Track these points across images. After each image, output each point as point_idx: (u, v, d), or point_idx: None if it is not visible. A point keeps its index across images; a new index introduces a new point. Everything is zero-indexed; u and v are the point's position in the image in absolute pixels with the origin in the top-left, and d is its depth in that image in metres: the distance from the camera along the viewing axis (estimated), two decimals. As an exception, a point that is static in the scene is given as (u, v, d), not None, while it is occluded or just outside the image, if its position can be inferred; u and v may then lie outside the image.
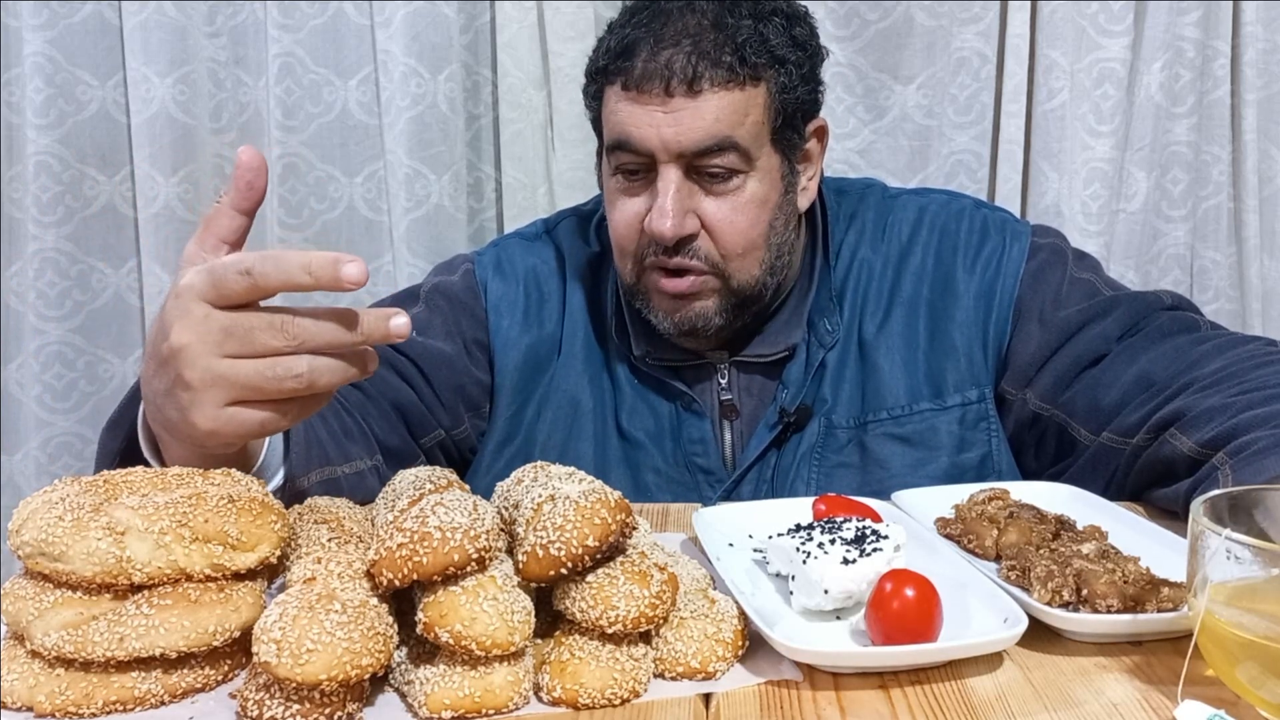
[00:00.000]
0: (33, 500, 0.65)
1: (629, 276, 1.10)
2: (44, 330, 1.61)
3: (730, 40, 1.01)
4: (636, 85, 1.01)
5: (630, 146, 1.03)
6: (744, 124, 1.02)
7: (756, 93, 1.03)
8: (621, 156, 1.05)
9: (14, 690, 0.62)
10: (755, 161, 1.04)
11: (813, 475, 1.10)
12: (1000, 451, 1.11)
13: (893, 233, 1.16)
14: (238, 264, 0.69)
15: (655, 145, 1.02)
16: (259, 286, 0.69)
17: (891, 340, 1.12)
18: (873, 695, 0.63)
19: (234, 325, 0.69)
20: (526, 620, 0.62)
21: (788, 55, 1.04)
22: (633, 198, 1.06)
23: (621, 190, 1.07)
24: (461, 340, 1.16)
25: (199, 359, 0.70)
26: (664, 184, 1.02)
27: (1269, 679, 0.56)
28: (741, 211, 1.04)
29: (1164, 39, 1.55)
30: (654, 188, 1.04)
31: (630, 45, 1.02)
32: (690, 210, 1.04)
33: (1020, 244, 1.13)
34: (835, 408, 1.11)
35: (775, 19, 1.04)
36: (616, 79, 1.03)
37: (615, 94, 1.04)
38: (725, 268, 1.06)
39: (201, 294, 0.69)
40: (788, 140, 1.07)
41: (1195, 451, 0.88)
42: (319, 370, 0.70)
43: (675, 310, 1.08)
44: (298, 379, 0.69)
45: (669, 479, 1.13)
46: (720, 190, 1.04)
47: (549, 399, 1.16)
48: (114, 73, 1.58)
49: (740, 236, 1.05)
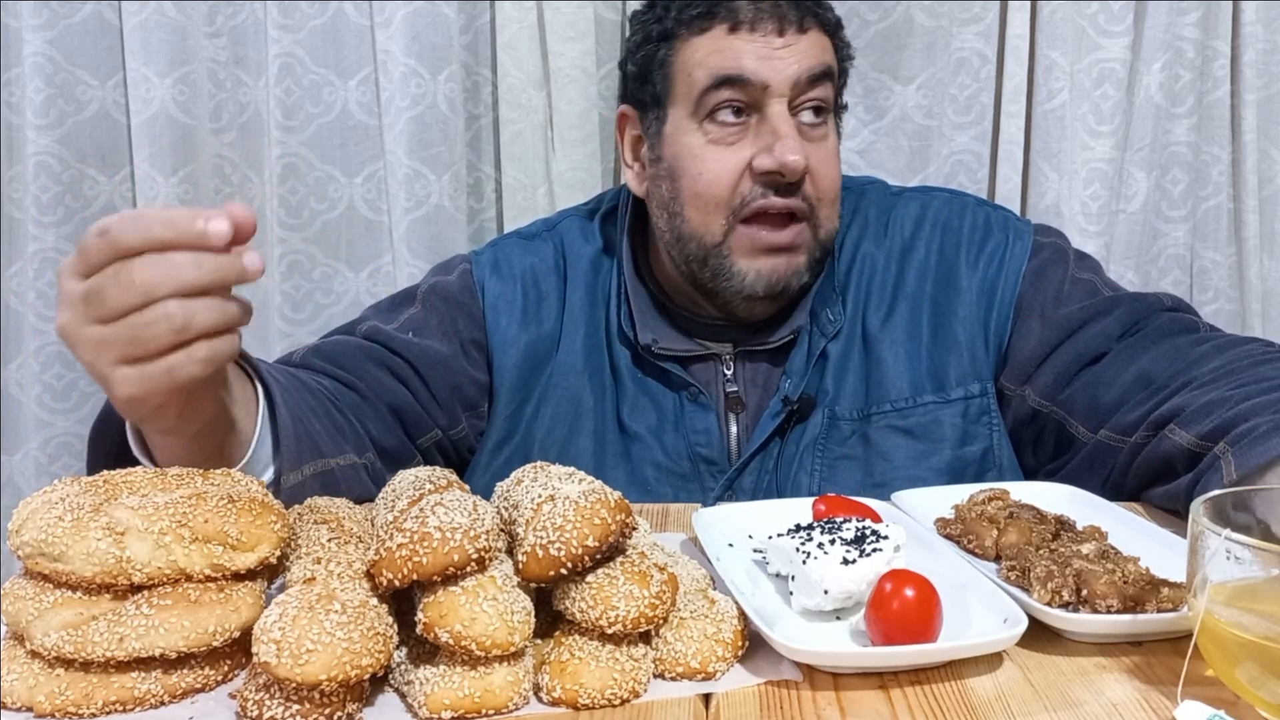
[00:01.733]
0: (33, 500, 0.65)
1: (716, 234, 1.09)
2: (44, 330, 1.61)
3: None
4: (749, 24, 1.05)
5: (742, 78, 1.05)
6: (835, 63, 1.11)
7: (830, 45, 1.11)
8: (725, 93, 1.06)
9: (14, 690, 0.62)
10: (832, 110, 1.11)
11: (816, 466, 1.10)
12: (1001, 446, 1.12)
13: (895, 228, 1.18)
14: (96, 228, 0.68)
15: (771, 75, 1.05)
16: (118, 245, 0.68)
17: (895, 333, 1.13)
18: (873, 695, 0.63)
19: (88, 290, 0.68)
20: (526, 620, 0.62)
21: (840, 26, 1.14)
22: (728, 146, 1.07)
23: (714, 140, 1.07)
24: (458, 340, 1.16)
25: (76, 333, 0.69)
26: (781, 119, 1.06)
27: (1269, 679, 0.56)
28: (830, 159, 1.10)
29: (1164, 39, 1.55)
30: (760, 129, 1.06)
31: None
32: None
33: (1023, 242, 1.14)
34: (839, 399, 1.12)
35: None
36: (716, 23, 1.06)
37: (715, 37, 1.06)
38: (817, 216, 1.09)
39: (72, 269, 0.69)
40: (840, 106, 1.14)
41: (1195, 444, 0.88)
42: (192, 309, 0.68)
43: (773, 266, 1.09)
44: (170, 319, 0.68)
45: (669, 472, 1.13)
46: (815, 135, 1.09)
47: (548, 397, 1.16)
48: (114, 73, 1.58)
49: (833, 182, 1.10)
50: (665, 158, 1.11)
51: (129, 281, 0.67)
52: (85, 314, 0.69)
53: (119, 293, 0.68)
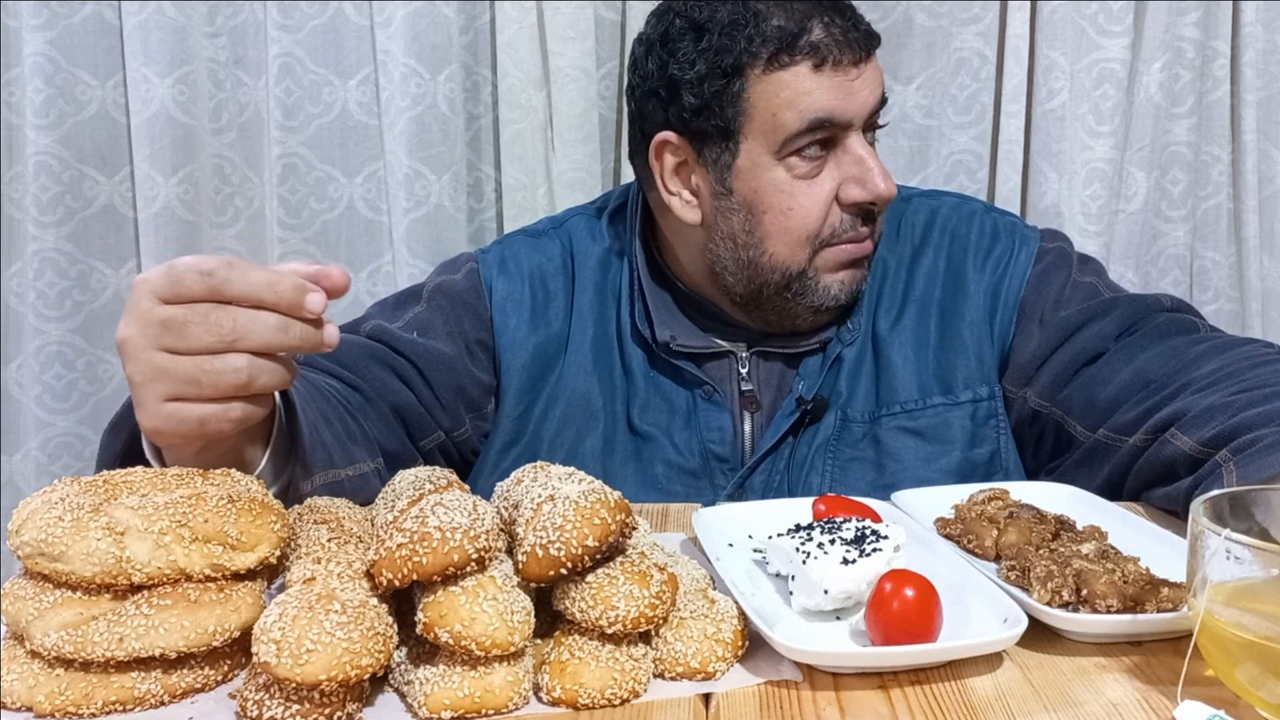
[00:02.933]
0: (32, 500, 0.65)
1: (802, 263, 1.08)
2: (44, 330, 1.61)
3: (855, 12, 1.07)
4: (833, 61, 1.03)
5: (835, 121, 1.04)
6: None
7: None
8: (815, 135, 1.05)
9: (14, 690, 0.62)
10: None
11: (828, 468, 1.11)
12: (1008, 449, 1.13)
13: (906, 233, 1.19)
14: (200, 264, 0.68)
15: (855, 112, 1.05)
16: (218, 292, 0.68)
17: (904, 336, 1.13)
18: (872, 695, 0.63)
19: (172, 319, 0.69)
20: (526, 620, 0.62)
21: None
22: (815, 179, 1.07)
23: (803, 176, 1.06)
24: (463, 341, 1.15)
25: (139, 352, 0.70)
26: (863, 149, 1.06)
27: (1269, 679, 0.56)
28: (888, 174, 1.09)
29: (1164, 39, 1.55)
30: (839, 160, 1.06)
31: (807, 24, 1.03)
32: None
33: (1029, 248, 1.15)
34: (851, 402, 1.12)
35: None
36: (800, 59, 1.03)
37: (800, 74, 1.03)
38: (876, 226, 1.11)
39: (155, 288, 0.69)
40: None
41: (1196, 450, 0.88)
42: (259, 369, 0.70)
43: (854, 277, 1.11)
44: (236, 374, 0.69)
45: (680, 469, 1.13)
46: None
47: (557, 398, 1.15)
48: (114, 73, 1.58)
49: (890, 198, 1.08)
50: (739, 191, 1.07)
51: (216, 325, 0.69)
52: (158, 338, 0.69)
53: (203, 333, 0.69)
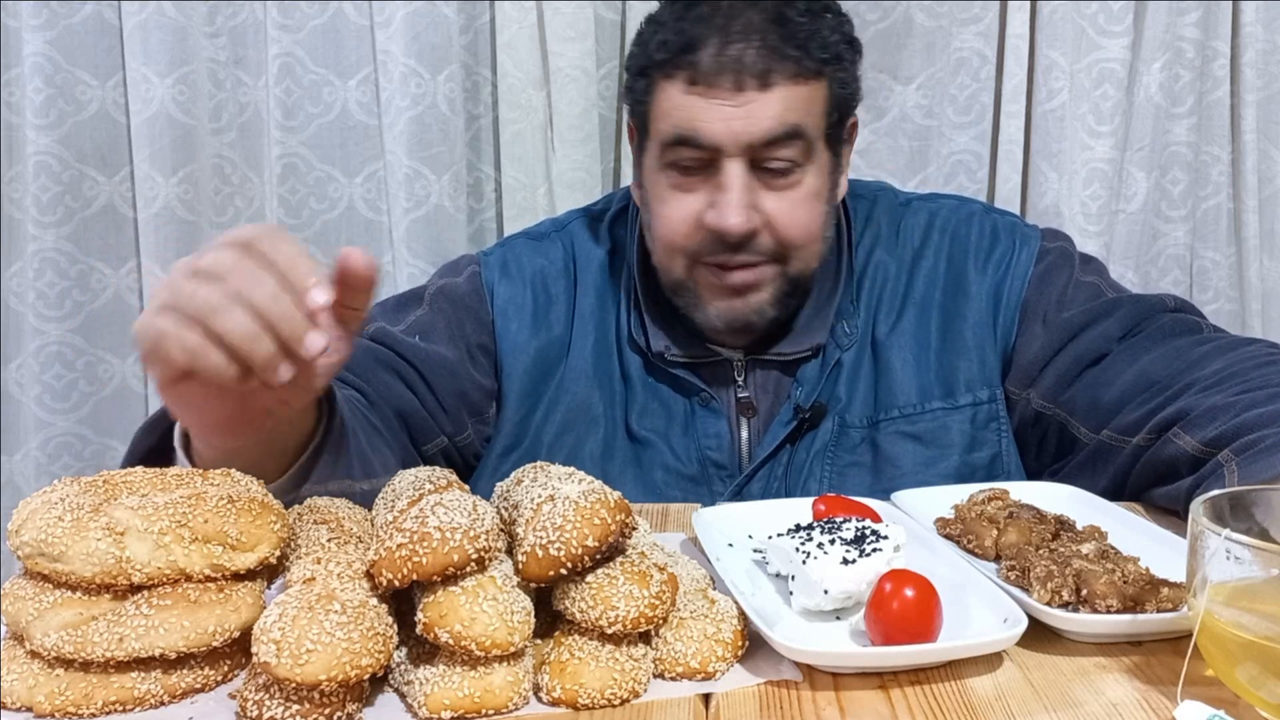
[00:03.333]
0: (32, 500, 0.65)
1: (678, 273, 1.09)
2: (44, 330, 1.61)
3: (794, 36, 1.02)
4: (706, 80, 1.01)
5: (696, 141, 1.02)
6: (809, 115, 1.04)
7: (820, 86, 1.04)
8: (682, 152, 1.04)
9: (14, 690, 0.62)
10: (814, 155, 1.05)
11: (825, 474, 1.10)
12: (1009, 452, 1.12)
13: (905, 237, 1.17)
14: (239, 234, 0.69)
15: (724, 139, 1.01)
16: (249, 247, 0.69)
17: (904, 340, 1.12)
18: (872, 695, 0.63)
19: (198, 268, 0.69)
20: (526, 620, 0.62)
21: (843, 52, 1.06)
22: (688, 193, 1.06)
23: (674, 186, 1.06)
24: (465, 344, 1.15)
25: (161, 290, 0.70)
26: (730, 178, 1.02)
27: (1269, 679, 0.56)
28: (802, 205, 1.05)
29: (1164, 39, 1.55)
30: (714, 182, 1.04)
31: (695, 40, 1.02)
32: (754, 205, 1.04)
33: (1030, 248, 1.14)
34: (849, 407, 1.11)
35: (827, 16, 1.06)
36: (678, 73, 1.02)
37: (676, 89, 1.03)
38: (788, 257, 1.07)
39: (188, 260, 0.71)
40: (837, 136, 1.09)
41: (1199, 450, 0.88)
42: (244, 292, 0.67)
43: (731, 306, 1.08)
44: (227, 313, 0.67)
45: (679, 475, 1.12)
46: (781, 184, 1.04)
47: (557, 403, 1.15)
48: (114, 73, 1.58)
49: (801, 230, 1.06)
50: (645, 186, 1.11)
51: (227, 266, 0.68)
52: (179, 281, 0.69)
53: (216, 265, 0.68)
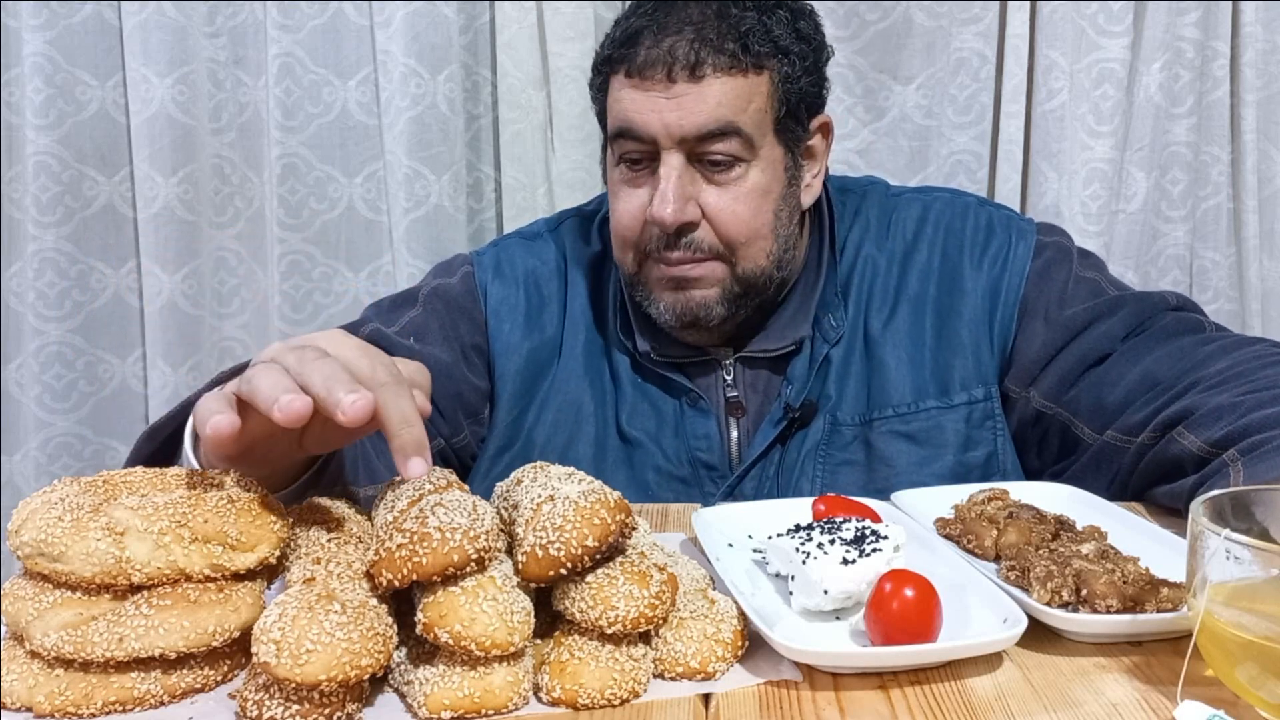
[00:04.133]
0: (32, 500, 0.65)
1: (630, 267, 1.10)
2: (44, 330, 1.61)
3: (734, 28, 1.02)
4: (639, 72, 1.02)
5: (633, 133, 1.03)
6: (746, 110, 1.03)
7: (760, 80, 1.04)
8: (625, 144, 1.05)
9: (13, 690, 0.62)
10: (758, 150, 1.04)
11: (817, 473, 1.09)
12: (1005, 450, 1.11)
13: (897, 230, 1.16)
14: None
15: (658, 130, 1.02)
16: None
17: (898, 337, 1.12)
18: (872, 695, 0.63)
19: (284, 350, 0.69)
20: (526, 620, 0.62)
21: (791, 46, 1.05)
22: (636, 188, 1.06)
23: (624, 181, 1.07)
24: (459, 346, 1.15)
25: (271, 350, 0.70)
26: (665, 170, 1.03)
27: (1268, 679, 0.56)
28: (743, 200, 1.04)
29: (1163, 39, 1.56)
30: (656, 176, 1.04)
31: (634, 34, 1.03)
32: (692, 198, 1.04)
33: (1026, 242, 1.13)
34: (840, 405, 1.11)
35: (780, 11, 1.05)
36: (620, 67, 1.04)
37: (619, 82, 1.05)
38: (731, 255, 1.06)
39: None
40: (791, 132, 1.07)
41: (1203, 450, 0.88)
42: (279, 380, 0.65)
43: (677, 300, 1.07)
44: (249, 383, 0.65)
45: (670, 476, 1.12)
46: (722, 179, 1.04)
47: (549, 403, 1.15)
48: (113, 73, 1.59)
49: (742, 225, 1.05)
50: (607, 183, 1.13)
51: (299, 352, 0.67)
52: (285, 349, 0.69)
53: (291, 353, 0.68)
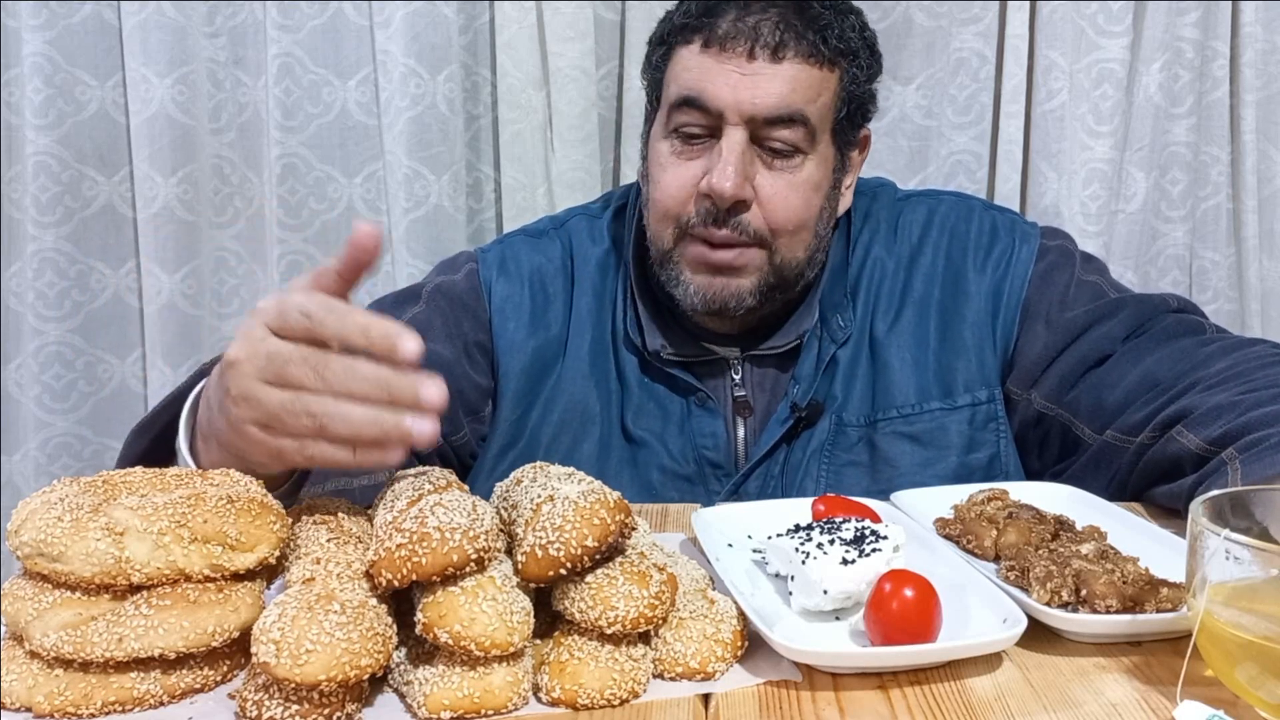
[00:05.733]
0: (32, 500, 0.65)
1: (666, 243, 1.08)
2: (43, 330, 1.61)
3: (814, 21, 1.03)
4: (720, 43, 1.02)
5: (700, 102, 1.03)
6: (815, 102, 1.04)
7: (831, 77, 1.05)
8: (686, 115, 1.04)
9: (13, 690, 0.62)
10: (816, 145, 1.05)
11: (822, 473, 1.10)
12: (1008, 453, 1.11)
13: (904, 233, 1.17)
14: (302, 305, 0.70)
15: (728, 103, 1.02)
16: (314, 331, 0.70)
17: (902, 339, 1.12)
18: (872, 695, 0.63)
19: (277, 353, 0.70)
20: (526, 620, 0.62)
21: (860, 50, 1.07)
22: (688, 161, 1.06)
23: (676, 153, 1.06)
24: (462, 343, 1.14)
25: (242, 378, 0.71)
26: (730, 144, 1.02)
27: (1268, 679, 0.56)
28: (797, 189, 1.05)
29: (1163, 39, 1.56)
30: (714, 152, 1.03)
31: (717, 6, 1.03)
32: (749, 178, 1.03)
33: (1030, 245, 1.14)
34: (846, 406, 1.11)
35: (851, 16, 1.07)
36: (696, 36, 1.03)
37: (690, 52, 1.04)
38: (773, 242, 1.06)
39: (267, 318, 0.71)
40: (845, 136, 1.09)
41: (1202, 449, 0.88)
42: (333, 416, 0.69)
43: (711, 284, 1.07)
44: (311, 419, 0.69)
45: (675, 475, 1.12)
46: (780, 166, 1.04)
47: (554, 402, 1.15)
48: (113, 73, 1.58)
49: (793, 214, 1.05)
50: (647, 159, 1.12)
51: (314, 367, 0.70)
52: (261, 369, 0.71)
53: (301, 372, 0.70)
